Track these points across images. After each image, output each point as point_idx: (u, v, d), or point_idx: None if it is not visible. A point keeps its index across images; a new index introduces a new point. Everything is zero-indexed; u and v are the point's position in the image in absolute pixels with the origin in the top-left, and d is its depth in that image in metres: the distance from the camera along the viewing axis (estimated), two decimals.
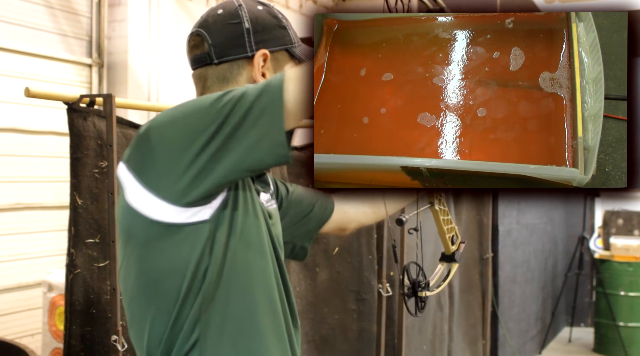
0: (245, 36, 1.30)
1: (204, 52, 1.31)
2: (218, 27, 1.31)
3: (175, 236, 1.18)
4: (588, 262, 6.55)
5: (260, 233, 1.25)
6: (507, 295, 4.89)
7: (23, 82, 3.51)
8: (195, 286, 1.18)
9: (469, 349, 4.25)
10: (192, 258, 1.17)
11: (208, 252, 1.18)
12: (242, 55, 1.30)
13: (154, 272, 1.20)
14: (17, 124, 3.76)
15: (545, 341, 6.02)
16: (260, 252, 1.25)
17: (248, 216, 1.23)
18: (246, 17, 1.31)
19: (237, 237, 1.21)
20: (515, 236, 5.09)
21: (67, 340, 1.94)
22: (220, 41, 1.30)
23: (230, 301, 1.20)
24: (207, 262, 1.18)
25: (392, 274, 2.97)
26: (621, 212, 6.30)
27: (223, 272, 1.19)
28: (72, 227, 1.93)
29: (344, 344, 2.88)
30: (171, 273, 1.19)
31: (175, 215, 1.16)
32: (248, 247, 1.22)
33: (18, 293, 3.78)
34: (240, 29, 1.31)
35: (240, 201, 1.22)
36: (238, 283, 1.21)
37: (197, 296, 1.18)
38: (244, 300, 1.21)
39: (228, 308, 1.20)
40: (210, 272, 1.18)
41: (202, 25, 1.33)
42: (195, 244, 1.17)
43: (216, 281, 1.19)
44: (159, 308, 1.20)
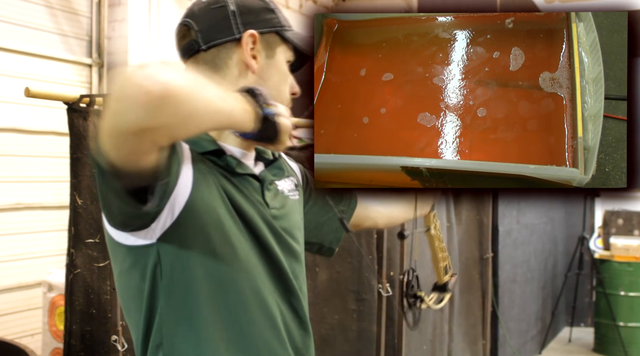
0: (230, 18, 1.27)
1: (191, 40, 1.27)
2: (203, 13, 1.28)
3: (127, 256, 1.17)
4: (588, 262, 6.55)
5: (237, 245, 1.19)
6: (507, 295, 4.88)
7: (23, 82, 3.50)
8: (152, 307, 1.16)
9: (469, 349, 4.25)
10: (144, 280, 1.16)
11: (159, 274, 1.15)
12: (230, 37, 1.26)
13: (120, 288, 1.23)
14: (17, 124, 3.76)
15: (545, 341, 6.02)
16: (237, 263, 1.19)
17: (220, 230, 1.17)
18: (231, 0, 1.28)
19: (197, 255, 1.15)
20: (515, 236, 5.09)
21: (67, 340, 1.94)
22: (206, 26, 1.27)
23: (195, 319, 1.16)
24: (159, 284, 1.15)
25: (392, 274, 2.97)
26: (621, 212, 6.30)
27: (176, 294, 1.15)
28: (72, 227, 1.93)
29: (344, 344, 2.88)
30: (131, 290, 1.19)
31: (121, 237, 1.16)
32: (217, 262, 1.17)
33: (18, 293, 3.79)
34: (225, 11, 1.27)
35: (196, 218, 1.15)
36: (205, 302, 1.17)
37: (155, 316, 1.17)
38: (214, 316, 1.17)
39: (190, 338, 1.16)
40: (163, 295, 1.15)
41: (187, 15, 1.31)
42: (145, 265, 1.15)
43: (171, 305, 1.16)
44: (130, 322, 1.22)
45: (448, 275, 1.81)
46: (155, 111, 0.93)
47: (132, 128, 0.94)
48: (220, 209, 1.18)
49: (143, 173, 1.03)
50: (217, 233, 1.17)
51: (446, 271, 1.80)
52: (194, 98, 0.98)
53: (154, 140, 0.99)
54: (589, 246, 6.31)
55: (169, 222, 1.13)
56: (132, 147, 0.98)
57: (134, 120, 0.94)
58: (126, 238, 1.15)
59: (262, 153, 1.34)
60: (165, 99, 0.93)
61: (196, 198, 1.15)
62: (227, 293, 1.18)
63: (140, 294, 1.17)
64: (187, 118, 0.98)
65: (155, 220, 1.12)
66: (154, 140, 0.99)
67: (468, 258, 4.23)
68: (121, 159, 1.00)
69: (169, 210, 1.12)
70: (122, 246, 1.17)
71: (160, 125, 0.96)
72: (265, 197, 1.27)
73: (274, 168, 1.35)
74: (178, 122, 0.98)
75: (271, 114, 1.16)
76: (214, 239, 1.17)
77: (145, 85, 0.92)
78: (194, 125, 1.03)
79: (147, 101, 0.92)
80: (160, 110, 0.94)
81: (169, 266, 1.15)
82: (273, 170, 1.35)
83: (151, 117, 0.94)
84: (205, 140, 1.23)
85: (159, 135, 0.99)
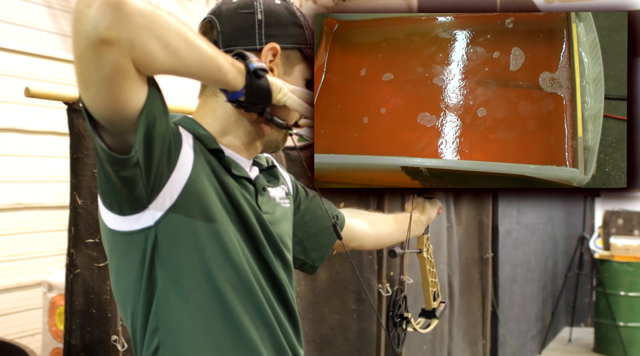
0: (256, 27, 1.25)
1: (212, 39, 1.24)
2: (229, 15, 1.26)
3: (125, 244, 1.15)
4: (588, 262, 6.55)
5: (230, 239, 1.18)
6: (507, 295, 4.88)
7: (23, 82, 3.50)
8: (150, 293, 1.15)
9: (469, 349, 4.25)
10: (143, 266, 1.14)
11: (156, 257, 1.14)
12: (250, 47, 1.24)
13: (118, 280, 1.21)
14: (17, 124, 3.76)
15: (545, 341, 6.02)
16: (232, 257, 1.18)
17: (214, 222, 1.16)
18: (260, 9, 1.25)
19: (192, 242, 1.14)
20: (515, 236, 5.09)
21: (67, 340, 1.94)
22: (229, 29, 1.25)
23: (187, 310, 1.15)
24: (157, 268, 1.14)
25: (392, 274, 2.97)
26: (621, 212, 6.30)
27: (173, 277, 1.14)
28: (72, 227, 1.93)
29: (344, 344, 2.88)
30: (129, 279, 1.17)
31: (118, 223, 1.14)
32: (211, 252, 1.16)
33: (18, 293, 3.78)
34: (252, 19, 1.25)
35: (195, 204, 1.14)
36: (197, 292, 1.15)
37: (153, 303, 1.15)
38: (205, 308, 1.16)
39: (185, 319, 1.15)
40: (160, 279, 1.14)
41: (214, 12, 1.28)
42: (142, 252, 1.14)
43: (168, 288, 1.15)
44: (127, 314, 1.20)
45: (437, 301, 1.78)
46: (116, 15, 0.91)
47: (95, 37, 0.91)
48: (216, 202, 1.17)
49: (126, 117, 1.01)
50: (214, 222, 1.16)
51: (435, 298, 1.77)
52: (170, 26, 0.97)
53: (121, 56, 0.94)
54: (589, 246, 6.31)
55: (168, 204, 1.12)
56: (103, 73, 0.94)
57: (94, 28, 0.90)
58: (121, 224, 1.14)
59: (257, 160, 1.34)
60: (135, 9, 0.92)
61: (195, 181, 1.14)
62: (224, 282, 1.17)
63: (139, 280, 1.15)
64: (161, 42, 0.96)
65: (153, 200, 1.11)
66: (121, 55, 0.94)
67: (468, 258, 4.23)
68: (101, 102, 0.98)
69: (168, 191, 1.11)
70: (119, 234, 1.15)
71: (130, 37, 0.93)
72: (258, 201, 1.27)
73: (268, 176, 1.36)
74: (150, 40, 0.95)
75: (260, 68, 1.14)
76: (211, 227, 1.16)
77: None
78: (172, 56, 0.99)
79: (116, 3, 0.90)
80: (123, 18, 0.91)
81: (166, 249, 1.14)
82: (267, 177, 1.35)
83: (114, 20, 0.91)
84: (207, 138, 1.22)
85: (126, 50, 0.94)
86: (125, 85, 0.97)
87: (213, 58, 1.06)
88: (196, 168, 1.15)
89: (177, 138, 1.14)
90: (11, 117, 3.72)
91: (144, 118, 1.02)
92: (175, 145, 1.13)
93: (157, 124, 1.05)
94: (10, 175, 3.75)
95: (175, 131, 1.14)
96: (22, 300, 3.78)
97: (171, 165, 1.11)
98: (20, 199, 3.80)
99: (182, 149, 1.14)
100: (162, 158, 1.09)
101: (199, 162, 1.16)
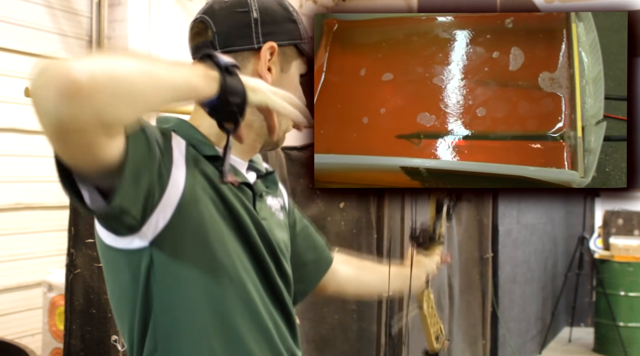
0: (252, 26, 1.22)
1: (207, 41, 1.22)
2: (224, 15, 1.23)
3: (122, 260, 1.13)
4: (588, 262, 6.55)
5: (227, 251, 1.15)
6: (507, 295, 4.88)
7: (23, 82, 3.50)
8: (146, 311, 1.13)
9: (469, 349, 4.25)
10: (138, 283, 1.12)
11: (152, 277, 1.11)
12: (248, 46, 1.21)
13: (113, 293, 1.19)
14: (17, 124, 3.76)
15: (545, 342, 6.02)
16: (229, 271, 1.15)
17: (211, 235, 1.13)
18: (255, 7, 1.23)
19: (189, 258, 1.12)
20: (515, 236, 5.09)
21: (67, 340, 1.94)
22: (225, 29, 1.22)
23: (185, 330, 1.13)
24: (153, 287, 1.12)
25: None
26: (621, 212, 6.30)
27: (170, 298, 1.12)
28: (72, 227, 1.93)
29: (344, 344, 2.87)
30: (125, 295, 1.15)
31: (114, 240, 1.12)
32: (207, 267, 1.13)
33: (18, 293, 3.78)
34: (247, 18, 1.22)
35: (189, 220, 1.11)
36: (194, 310, 1.13)
37: (150, 322, 1.13)
38: (203, 330, 1.14)
39: (183, 339, 1.13)
40: (157, 299, 1.12)
41: (206, 11, 1.24)
42: (137, 269, 1.11)
43: (165, 309, 1.13)
44: (124, 329, 1.18)
45: (440, 343, 1.74)
46: (85, 99, 0.83)
47: (61, 128, 0.86)
48: (212, 212, 1.15)
49: (107, 169, 0.96)
50: (211, 235, 1.14)
51: (438, 339, 1.73)
52: (133, 77, 0.90)
53: (91, 134, 0.88)
54: (589, 246, 6.31)
55: (161, 225, 1.09)
56: (73, 150, 0.91)
57: (57, 121, 0.85)
58: (117, 242, 1.12)
59: (255, 165, 1.31)
60: (93, 85, 0.84)
61: (188, 197, 1.11)
62: (221, 297, 1.15)
63: (134, 298, 1.13)
64: (128, 100, 0.89)
65: (145, 223, 1.08)
66: (91, 134, 0.88)
67: (468, 258, 4.23)
68: (79, 166, 0.95)
69: (160, 212, 1.08)
70: (114, 250, 1.13)
71: (95, 112, 0.85)
72: (256, 207, 1.24)
73: (267, 181, 1.32)
74: (117, 105, 0.88)
75: (231, 64, 1.06)
76: (207, 241, 1.13)
77: (68, 76, 0.83)
78: (143, 104, 0.94)
79: (73, 91, 0.83)
80: (84, 102, 0.84)
81: (162, 269, 1.12)
82: (266, 183, 1.32)
83: (76, 109, 0.84)
84: (205, 144, 1.19)
85: (94, 126, 0.87)
86: (100, 151, 0.92)
87: (186, 82, 0.99)
88: (189, 184, 1.12)
89: (168, 157, 1.10)
90: (11, 117, 3.72)
91: (129, 166, 0.98)
92: (166, 166, 1.09)
93: (142, 161, 1.02)
94: (10, 175, 3.75)
95: (165, 147, 1.10)
96: (22, 300, 3.78)
97: (162, 189, 1.08)
98: (20, 199, 3.80)
99: (172, 167, 1.10)
100: (152, 187, 1.06)
101: (191, 176, 1.13)
